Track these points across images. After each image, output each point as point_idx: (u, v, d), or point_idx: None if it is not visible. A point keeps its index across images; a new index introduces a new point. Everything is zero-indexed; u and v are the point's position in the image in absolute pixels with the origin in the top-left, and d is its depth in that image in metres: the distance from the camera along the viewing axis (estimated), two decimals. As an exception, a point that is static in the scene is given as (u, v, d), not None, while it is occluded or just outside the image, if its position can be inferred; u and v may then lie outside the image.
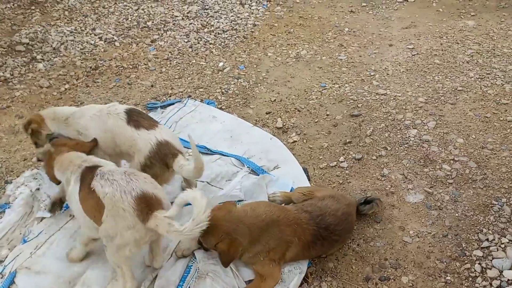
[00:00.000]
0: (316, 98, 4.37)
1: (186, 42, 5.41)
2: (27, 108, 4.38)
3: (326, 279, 2.73)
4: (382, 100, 4.25)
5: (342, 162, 3.59)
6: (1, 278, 2.76)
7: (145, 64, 5.03)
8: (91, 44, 5.40)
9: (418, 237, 2.95)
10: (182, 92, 4.55)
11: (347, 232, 2.86)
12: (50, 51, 5.25)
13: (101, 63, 5.04)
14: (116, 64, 5.03)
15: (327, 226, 2.68)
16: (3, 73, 4.86)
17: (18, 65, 5.01)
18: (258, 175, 3.38)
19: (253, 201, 3.00)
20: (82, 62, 5.04)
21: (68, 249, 2.85)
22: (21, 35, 5.48)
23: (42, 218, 3.14)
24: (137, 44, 5.43)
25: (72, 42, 5.42)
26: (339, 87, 4.50)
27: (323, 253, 2.81)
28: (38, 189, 3.29)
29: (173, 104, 4.33)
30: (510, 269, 2.67)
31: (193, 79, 4.75)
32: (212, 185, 3.32)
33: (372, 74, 4.65)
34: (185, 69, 4.94)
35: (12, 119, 4.24)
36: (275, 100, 4.37)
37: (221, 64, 4.97)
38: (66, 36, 5.50)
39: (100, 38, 5.51)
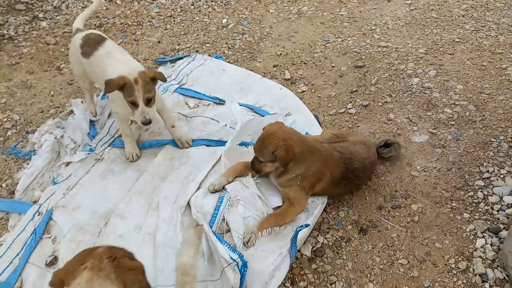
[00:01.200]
0: (321, 51, 4.52)
1: (188, 0, 5.45)
2: (36, 64, 4.43)
3: (342, 209, 2.96)
4: (384, 52, 4.43)
5: (350, 108, 3.79)
6: (39, 215, 2.91)
7: (149, 21, 5.08)
8: (92, 2, 5.38)
9: (425, 172, 3.20)
10: (189, 47, 4.64)
11: (369, 178, 3.08)
12: (51, 9, 5.25)
13: (105, 20, 5.07)
14: (120, 22, 5.07)
15: (354, 170, 2.87)
16: (7, 31, 4.86)
17: (20, 23, 5.01)
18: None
19: None
20: (86, 20, 5.03)
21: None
22: (19, -7, 5.43)
23: (69, 163, 3.27)
24: (139, 2, 5.46)
25: (72, 1, 5.40)
26: (342, 41, 4.65)
27: (343, 193, 3.01)
28: (62, 136, 3.41)
29: (182, 58, 4.43)
30: (509, 195, 2.94)
31: (199, 35, 4.84)
32: (230, 127, 3.48)
33: (373, 28, 4.82)
34: (190, 26, 5.01)
35: (23, 74, 4.29)
36: (281, 54, 4.50)
37: (224, 20, 5.05)
38: (66, -5, 5.48)
39: (101, -3, 5.50)
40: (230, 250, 2.43)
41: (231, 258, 2.37)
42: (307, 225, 2.61)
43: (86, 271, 1.68)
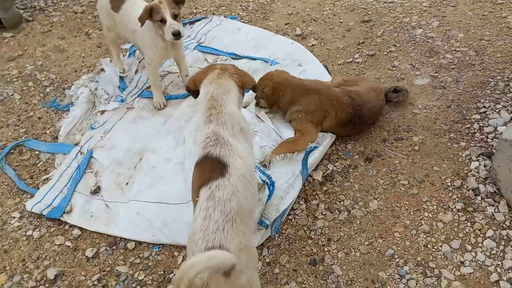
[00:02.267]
0: (329, 9, 4.79)
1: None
2: (66, 31, 4.81)
3: (350, 142, 3.29)
4: (390, 7, 4.67)
5: (357, 58, 4.07)
6: (81, 155, 3.32)
7: (167, -11, 5.39)
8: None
9: (426, 109, 3.49)
10: (205, 11, 4.96)
11: (374, 123, 3.38)
12: (75, -18, 5.59)
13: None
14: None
15: (362, 116, 3.18)
16: (38, 3, 5.24)
17: (49, -4, 5.38)
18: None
19: None
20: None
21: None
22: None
23: (104, 111, 3.66)
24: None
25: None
26: (350, -1, 4.91)
27: (350, 134, 3.32)
28: (96, 88, 3.80)
29: (199, 20, 4.76)
30: (502, 125, 3.22)
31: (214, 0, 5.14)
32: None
33: (379, -14, 5.04)
34: (205, -9, 5.31)
35: (55, 40, 4.68)
36: (291, 13, 4.79)
37: (238, -15, 5.33)
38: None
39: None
40: (260, 172, 2.79)
41: (261, 179, 2.74)
42: (315, 147, 2.95)
43: (216, 70, 2.32)
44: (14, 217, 2.99)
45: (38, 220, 2.97)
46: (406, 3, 4.69)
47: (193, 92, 2.38)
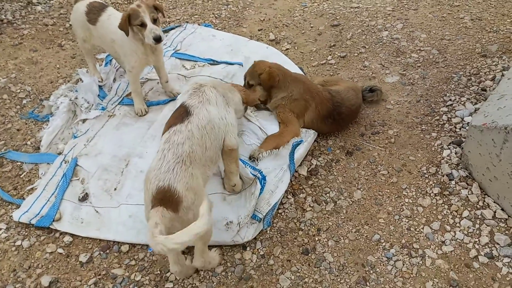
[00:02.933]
0: (300, 15, 4.99)
1: (172, -21, 5.83)
2: (38, 43, 4.76)
3: (330, 138, 3.45)
4: (356, 12, 4.93)
5: (330, 60, 4.27)
6: (66, 163, 3.31)
7: None
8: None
9: (398, 104, 3.71)
10: (179, 19, 5.05)
11: (353, 119, 3.55)
12: (43, -5, 5.55)
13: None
14: (111, 1, 5.42)
15: (340, 113, 3.35)
16: (5, 16, 5.15)
17: (16, 9, 5.31)
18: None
19: None
20: (78, 2, 5.37)
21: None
22: (9, -17, 5.71)
23: (85, 120, 3.66)
24: (126, -17, 5.80)
25: (63, -15, 5.71)
26: (318, 5, 5.13)
27: (330, 131, 3.47)
28: (76, 98, 3.79)
29: (173, 28, 4.83)
30: (468, 116, 3.47)
31: (186, 9, 5.24)
32: (224, 82, 3.92)
33: (345, -8, 5.31)
34: (177, 0, 5.41)
35: (27, 52, 4.62)
36: (264, 19, 4.95)
37: (209, -6, 5.46)
38: (55, -20, 5.78)
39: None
40: (251, 168, 2.89)
41: (253, 174, 2.83)
42: (301, 141, 3.09)
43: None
44: (1, 229, 2.94)
45: (26, 230, 2.93)
46: (371, 7, 4.96)
47: None
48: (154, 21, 3.20)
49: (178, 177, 2.09)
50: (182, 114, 2.33)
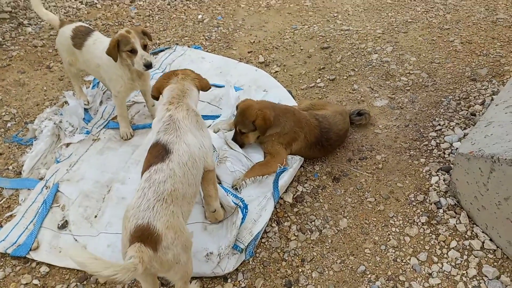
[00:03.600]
0: (290, 37, 4.98)
1: (164, 0, 5.85)
2: (27, 65, 4.73)
3: (317, 163, 3.39)
4: (346, 34, 4.92)
5: (319, 83, 4.24)
6: (47, 189, 3.24)
7: (130, 21, 5.45)
8: (74, 8, 5.74)
9: (386, 129, 3.66)
10: (169, 41, 5.04)
11: (341, 144, 3.50)
12: (35, 16, 5.55)
13: (88, 23, 5.40)
14: (102, 23, 5.42)
15: (329, 138, 3.29)
16: (-5, 37, 5.14)
17: (6, 30, 5.30)
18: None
19: None
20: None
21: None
22: (2, 4, 5.72)
23: (69, 144, 3.60)
24: (118, 5, 5.82)
25: (54, 7, 5.73)
26: (308, 27, 5.13)
27: (317, 156, 3.41)
28: (60, 121, 3.74)
29: (163, 50, 4.81)
30: (457, 141, 3.42)
31: (177, 30, 5.24)
32: (212, 104, 3.88)
33: (335, 15, 5.32)
34: (168, 23, 5.41)
35: (15, 74, 4.59)
36: (254, 41, 4.94)
37: (200, 16, 5.47)
38: (47, 3, 5.79)
39: (81, 2, 5.85)
40: (232, 196, 2.82)
41: (234, 203, 2.76)
42: (285, 169, 3.03)
43: (179, 75, 2.56)
44: (-24, 258, 2.86)
45: (2, 259, 2.85)
46: (361, 30, 4.96)
47: (158, 98, 2.59)
48: (144, 47, 3.18)
49: (158, 215, 2.00)
50: (161, 152, 2.23)
